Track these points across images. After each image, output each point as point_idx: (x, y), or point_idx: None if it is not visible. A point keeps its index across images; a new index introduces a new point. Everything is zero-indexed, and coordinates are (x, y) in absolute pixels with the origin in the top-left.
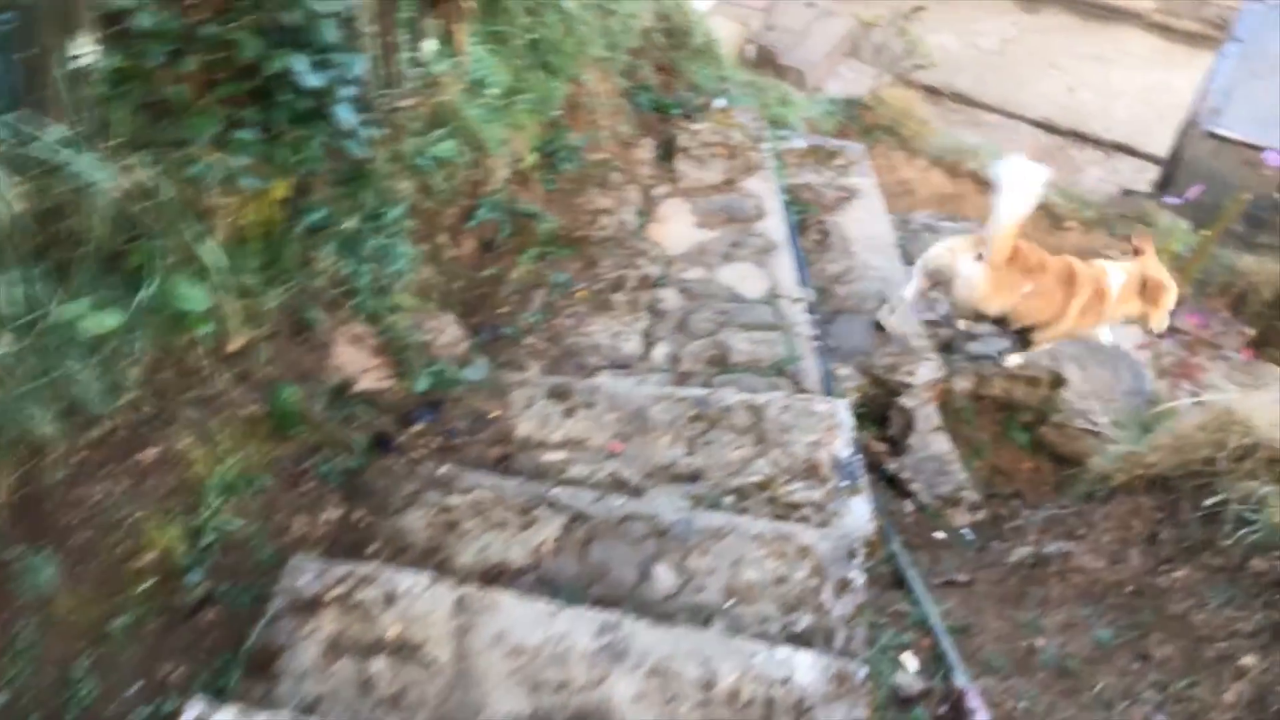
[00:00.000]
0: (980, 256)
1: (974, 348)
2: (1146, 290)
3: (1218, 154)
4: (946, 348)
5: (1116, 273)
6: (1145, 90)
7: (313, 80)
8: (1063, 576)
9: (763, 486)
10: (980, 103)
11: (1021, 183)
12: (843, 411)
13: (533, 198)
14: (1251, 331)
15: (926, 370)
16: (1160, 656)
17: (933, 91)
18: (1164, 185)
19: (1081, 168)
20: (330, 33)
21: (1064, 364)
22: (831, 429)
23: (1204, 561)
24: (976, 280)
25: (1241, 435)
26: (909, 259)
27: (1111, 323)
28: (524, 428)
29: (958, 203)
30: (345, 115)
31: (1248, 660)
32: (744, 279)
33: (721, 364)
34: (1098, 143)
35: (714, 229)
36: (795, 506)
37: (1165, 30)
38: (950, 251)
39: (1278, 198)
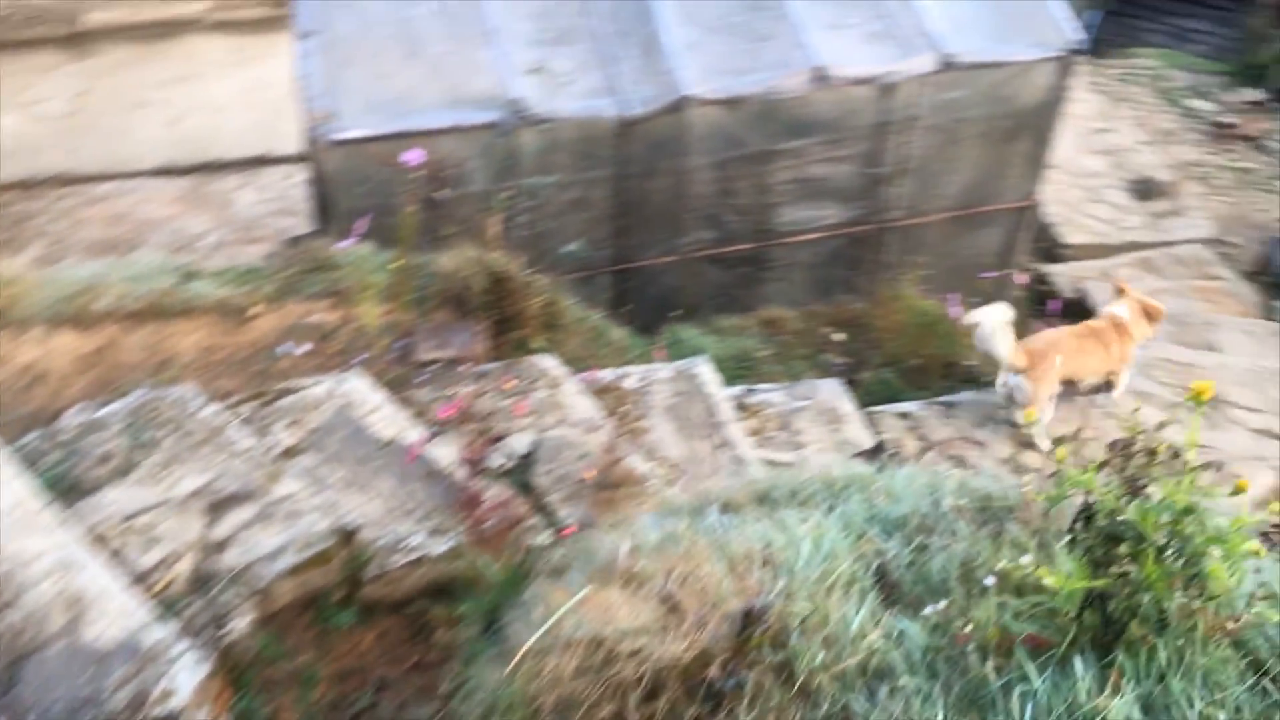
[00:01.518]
0: (1017, 372)
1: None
2: (1148, 314)
3: (356, 159)
4: (204, 582)
5: (1122, 308)
6: (246, 93)
7: None
8: None
9: None
10: (86, 175)
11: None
12: None
13: None
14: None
15: (185, 675)
16: None
17: (24, 186)
18: (324, 212)
19: (231, 199)
20: None
21: (342, 496)
22: None
23: None
24: (1025, 391)
25: (637, 666)
26: (73, 485)
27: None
28: None
29: (111, 356)
30: None
31: None
32: None
33: None
34: (233, 165)
35: None
36: None
37: (228, 26)
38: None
39: (435, 196)
